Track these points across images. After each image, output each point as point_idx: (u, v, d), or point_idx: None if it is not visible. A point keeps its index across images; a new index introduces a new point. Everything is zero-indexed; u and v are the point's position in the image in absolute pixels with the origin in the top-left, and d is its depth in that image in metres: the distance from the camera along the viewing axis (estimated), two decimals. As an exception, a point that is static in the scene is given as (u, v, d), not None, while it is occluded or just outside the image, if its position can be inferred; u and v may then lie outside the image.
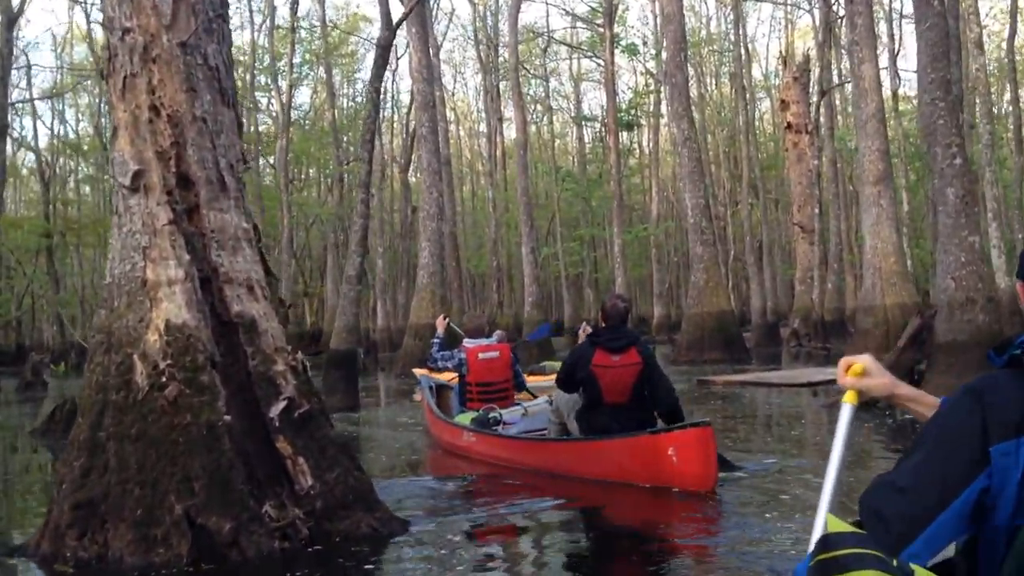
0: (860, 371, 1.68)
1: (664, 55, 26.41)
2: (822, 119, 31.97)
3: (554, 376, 8.81)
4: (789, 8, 48.32)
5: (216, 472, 4.69)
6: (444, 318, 9.46)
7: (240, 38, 45.58)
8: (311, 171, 56.08)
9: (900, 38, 39.18)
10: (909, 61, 53.52)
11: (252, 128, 43.78)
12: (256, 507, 4.77)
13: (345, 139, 48.65)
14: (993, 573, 1.36)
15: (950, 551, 1.47)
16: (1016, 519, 1.33)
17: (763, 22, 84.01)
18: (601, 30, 38.33)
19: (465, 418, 8.25)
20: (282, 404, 5.11)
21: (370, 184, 12.93)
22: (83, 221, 40.49)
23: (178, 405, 4.79)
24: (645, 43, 43.98)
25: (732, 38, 45.01)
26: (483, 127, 49.66)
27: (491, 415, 7.98)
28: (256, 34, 45.24)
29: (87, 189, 52.15)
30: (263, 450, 5.05)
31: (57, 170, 47.06)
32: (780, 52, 41.25)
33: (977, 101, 26.41)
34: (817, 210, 29.44)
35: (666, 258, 50.37)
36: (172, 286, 5.01)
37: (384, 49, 13.17)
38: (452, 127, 61.55)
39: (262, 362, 5.17)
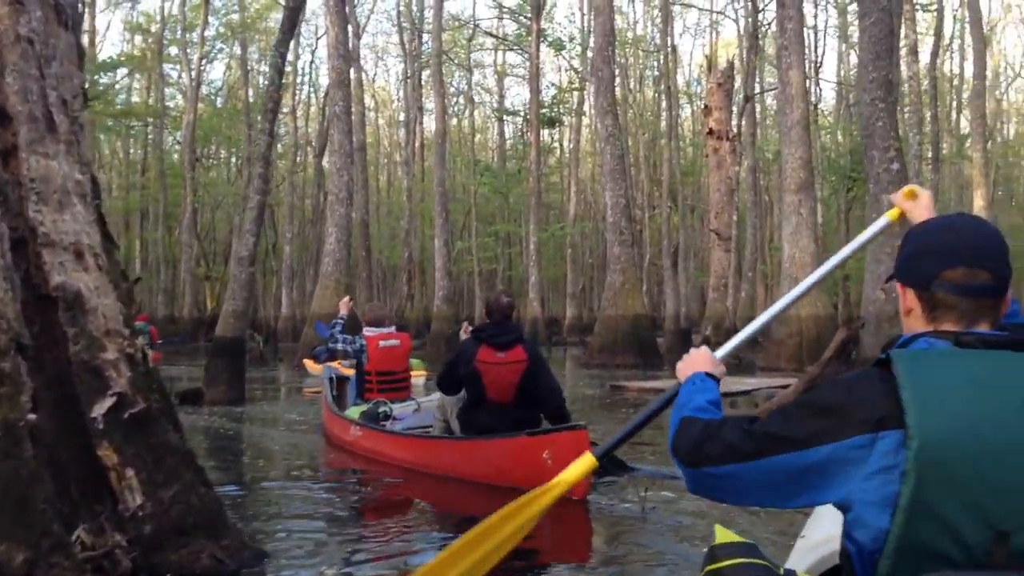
0: (911, 194, 1.78)
1: (591, 49, 25.79)
2: (744, 126, 31.81)
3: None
4: (714, 16, 48.47)
5: (11, 486, 3.64)
6: (349, 300, 9.24)
7: (150, 2, 43.49)
8: (222, 152, 54.06)
9: (823, 52, 39.48)
10: (827, 74, 54.20)
11: (158, 101, 41.77)
12: (63, 532, 3.73)
13: (259, 119, 46.87)
14: None
15: (835, 558, 1.63)
16: (874, 549, 1.42)
17: (688, 29, 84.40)
18: (528, 23, 37.62)
19: (356, 411, 7.97)
20: (109, 401, 4.08)
21: (270, 158, 11.85)
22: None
23: (-35, 398, 3.72)
24: (572, 39, 43.40)
25: (658, 41, 44.78)
26: (403, 116, 48.42)
27: (380, 409, 7.72)
28: (168, 2, 43.23)
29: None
30: (81, 459, 4.01)
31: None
32: (705, 57, 41.11)
33: (906, 110, 26.42)
34: (735, 217, 29.21)
35: (581, 259, 49.99)
36: (-31, 246, 3.94)
37: (293, 11, 12.09)
38: (372, 115, 60.24)
39: (87, 348, 4.12)
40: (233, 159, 52.48)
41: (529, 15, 36.68)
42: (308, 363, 19.41)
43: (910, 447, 1.37)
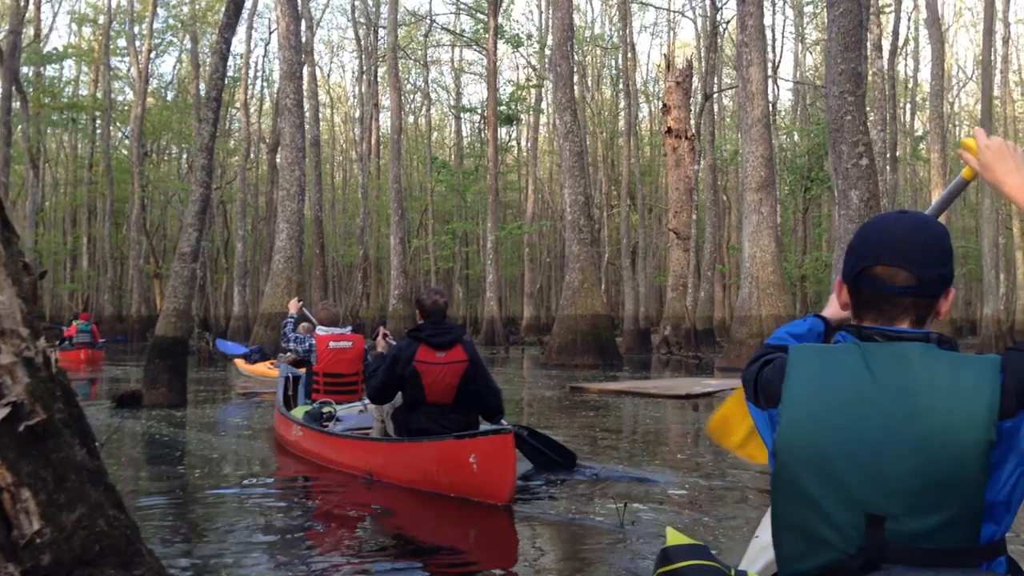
0: (967, 146, 1.73)
1: (549, 46, 25.41)
2: (704, 125, 31.64)
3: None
4: (672, 16, 48.42)
5: None
6: (298, 300, 9.03)
7: (98, -4, 42.33)
8: (173, 147, 52.93)
9: (780, 53, 39.57)
10: (784, 75, 54.35)
11: (106, 95, 40.65)
12: (-58, 565, 3.19)
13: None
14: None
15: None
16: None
17: (646, 28, 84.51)
18: (485, 19, 37.18)
19: (301, 411, 7.77)
20: (2, 412, 3.54)
21: (213, 148, 11.25)
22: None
23: None
24: (529, 37, 43.05)
25: (616, 39, 44.61)
26: (359, 113, 47.67)
27: (325, 409, 7.48)
28: (116, -7, 42.07)
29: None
30: (-33, 478, 3.46)
31: None
32: (663, 55, 40.99)
33: (868, 108, 26.37)
34: (694, 216, 29.01)
35: (539, 258, 49.68)
36: None
37: (238, -5, 11.51)
38: (327, 111, 59.42)
39: (-25, 350, 3.57)
40: (184, 155, 51.38)
41: (486, 11, 36.23)
42: (239, 363, 18.85)
43: (777, 429, 1.50)
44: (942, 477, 1.39)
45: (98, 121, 42.93)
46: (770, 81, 34.35)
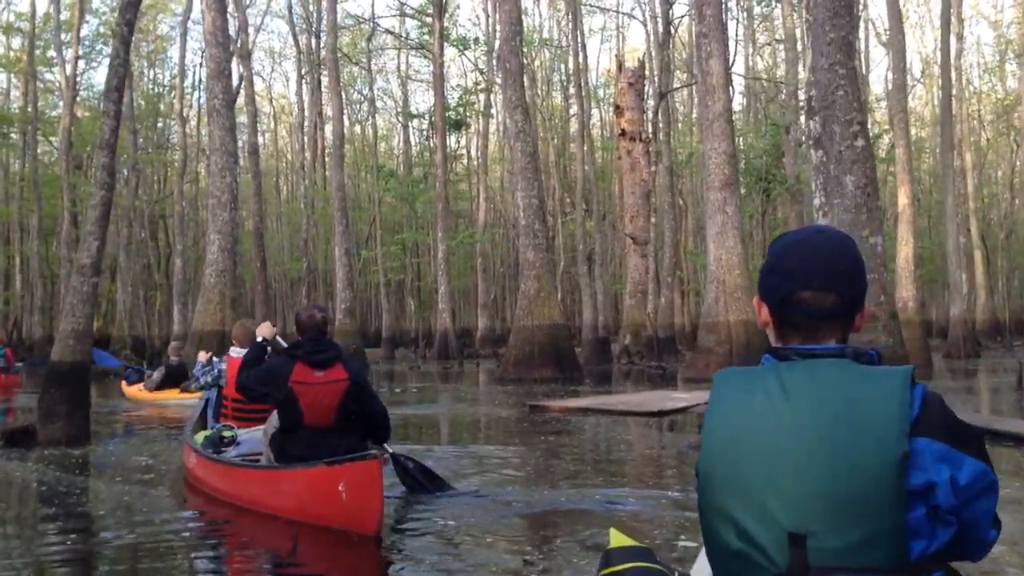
0: None
1: (497, 39, 24.19)
2: (661, 125, 30.60)
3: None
4: (621, 19, 47.56)
5: None
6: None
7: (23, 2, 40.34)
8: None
9: (734, 52, 38.77)
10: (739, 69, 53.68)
11: (27, 105, 38.59)
12: None
13: (140, 127, 44.01)
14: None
15: None
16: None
17: (594, 33, 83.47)
18: (430, 21, 35.91)
19: (201, 436, 7.23)
20: None
21: (115, 147, 9.78)
22: None
23: None
24: (476, 41, 41.79)
25: (565, 43, 43.60)
26: (302, 121, 46.02)
27: (225, 433, 6.94)
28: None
29: None
30: None
31: None
32: (615, 56, 39.95)
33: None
34: (653, 219, 27.92)
35: (492, 268, 48.39)
36: None
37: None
38: (272, 122, 57.66)
39: None
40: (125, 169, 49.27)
41: (431, 12, 34.96)
42: (124, 386, 17.32)
43: (700, 451, 1.52)
44: (857, 493, 1.37)
45: (27, 134, 40.88)
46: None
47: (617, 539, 1.76)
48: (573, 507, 6.02)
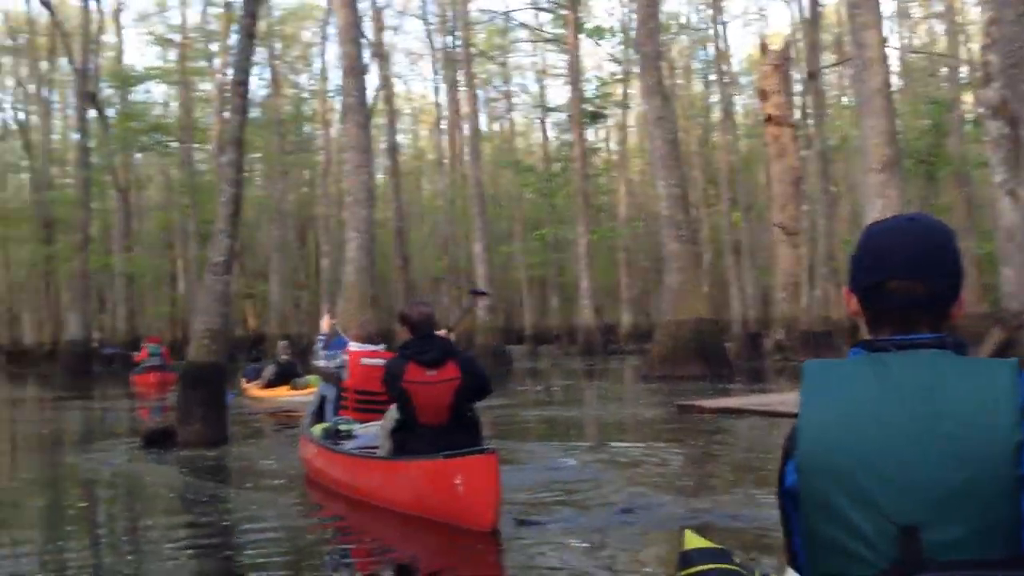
0: None
1: (634, 26, 23.37)
2: (811, 107, 28.96)
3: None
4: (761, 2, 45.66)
5: None
6: (331, 317, 8.53)
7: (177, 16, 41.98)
8: (259, 164, 52.53)
9: (888, 25, 36.51)
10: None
11: (183, 113, 40.18)
12: None
13: (285, 131, 45.28)
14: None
15: None
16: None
17: (734, 19, 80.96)
18: (565, 12, 35.34)
19: (319, 428, 7.30)
20: None
21: (242, 141, 9.57)
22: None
23: None
24: (612, 32, 40.87)
25: (707, 25, 42.19)
26: (443, 123, 46.32)
27: (341, 426, 6.98)
28: (190, 10, 41.70)
29: None
30: None
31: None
32: (760, 37, 38.33)
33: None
34: (805, 208, 26.42)
35: (636, 262, 47.32)
36: None
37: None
38: (408, 119, 58.42)
39: None
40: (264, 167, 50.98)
41: (565, 3, 34.36)
42: (243, 384, 17.58)
43: (798, 444, 1.43)
44: (970, 484, 1.32)
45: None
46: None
47: (692, 540, 1.72)
48: (728, 521, 5.35)
